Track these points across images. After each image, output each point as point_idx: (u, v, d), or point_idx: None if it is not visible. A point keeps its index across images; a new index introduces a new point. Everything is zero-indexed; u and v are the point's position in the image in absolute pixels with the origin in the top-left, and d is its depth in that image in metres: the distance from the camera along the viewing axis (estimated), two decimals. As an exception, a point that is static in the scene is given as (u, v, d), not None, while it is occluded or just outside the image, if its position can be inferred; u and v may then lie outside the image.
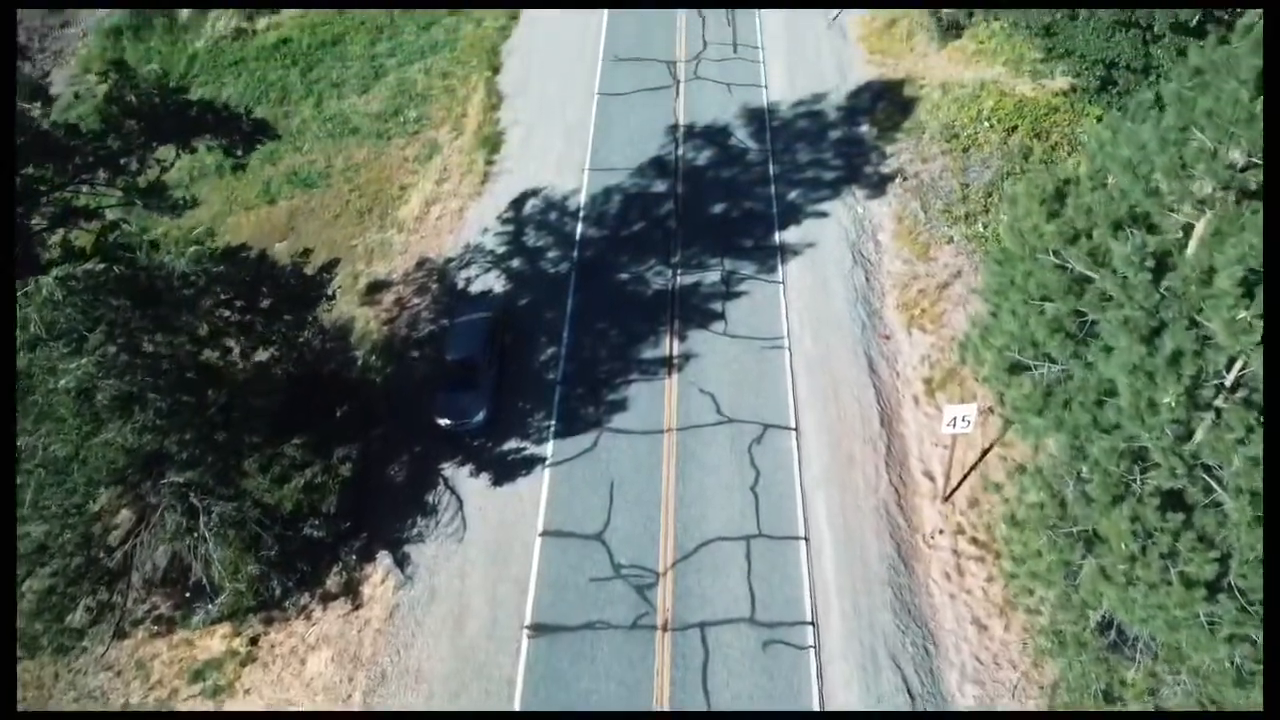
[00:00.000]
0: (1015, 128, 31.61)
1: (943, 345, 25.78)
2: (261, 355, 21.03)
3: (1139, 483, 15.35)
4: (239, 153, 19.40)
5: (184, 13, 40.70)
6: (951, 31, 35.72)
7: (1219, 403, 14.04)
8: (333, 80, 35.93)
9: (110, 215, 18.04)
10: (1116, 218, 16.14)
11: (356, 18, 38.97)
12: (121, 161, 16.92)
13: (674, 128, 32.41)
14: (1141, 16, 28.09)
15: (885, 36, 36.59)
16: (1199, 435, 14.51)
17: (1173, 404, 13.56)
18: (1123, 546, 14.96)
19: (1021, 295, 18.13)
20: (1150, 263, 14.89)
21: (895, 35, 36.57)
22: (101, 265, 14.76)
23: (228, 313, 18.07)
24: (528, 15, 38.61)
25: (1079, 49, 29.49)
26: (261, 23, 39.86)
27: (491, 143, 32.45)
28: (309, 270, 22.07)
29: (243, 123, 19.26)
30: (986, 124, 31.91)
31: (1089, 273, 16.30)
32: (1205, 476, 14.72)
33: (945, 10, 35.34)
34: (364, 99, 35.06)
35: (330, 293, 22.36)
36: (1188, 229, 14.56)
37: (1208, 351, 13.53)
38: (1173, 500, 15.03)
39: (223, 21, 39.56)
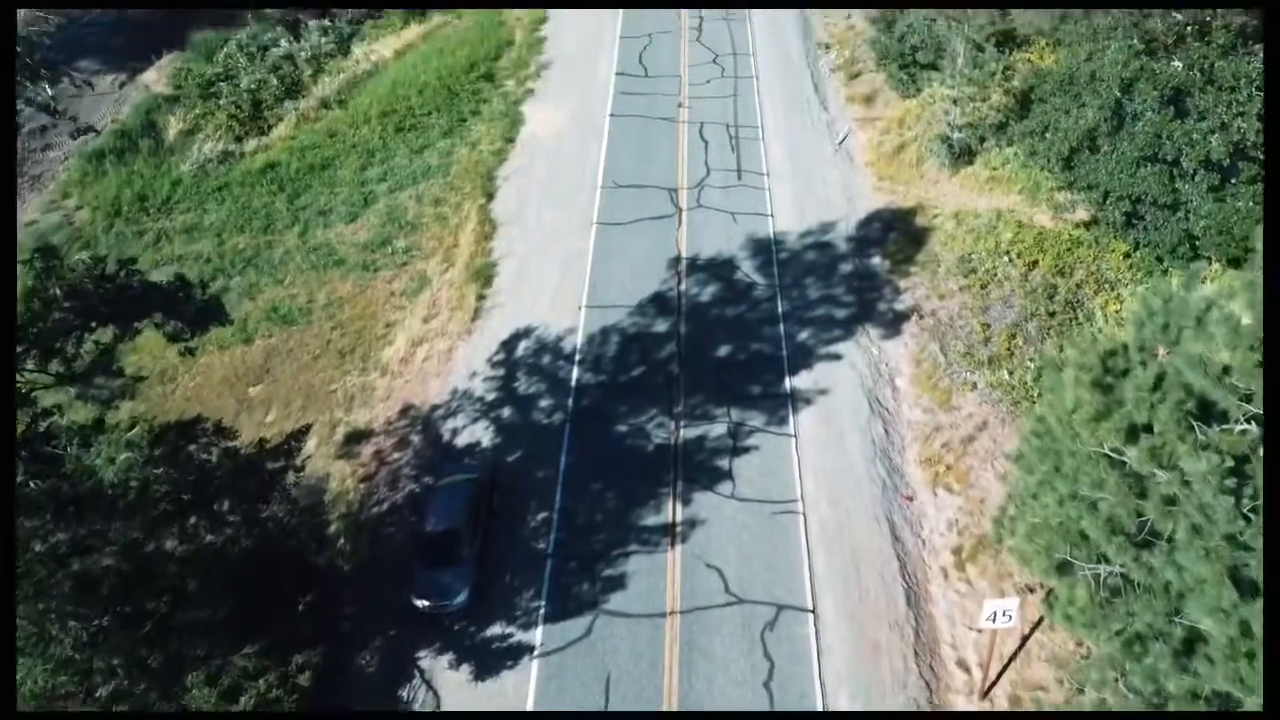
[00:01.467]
0: (1036, 262, 29.94)
1: (971, 509, 23.56)
2: (215, 536, 18.78)
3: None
4: (187, 335, 17.46)
5: (171, 133, 39.65)
6: (963, 157, 34.40)
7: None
8: (320, 207, 34.48)
9: (47, 399, 16.09)
10: (1181, 411, 14.12)
11: (348, 141, 37.79)
12: (56, 345, 15.01)
13: (676, 260, 30.77)
14: (1168, 151, 26.67)
15: (894, 162, 35.29)
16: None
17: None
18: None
19: (1068, 486, 16.06)
20: (1231, 481, 12.85)
21: (904, 160, 35.26)
22: (20, 478, 12.72)
23: (170, 508, 15.93)
24: (526, 136, 37.45)
25: (1102, 184, 28.01)
26: (250, 145, 38.73)
27: (483, 275, 30.76)
28: (277, 437, 19.97)
29: (192, 302, 17.31)
30: (1005, 258, 30.26)
31: (1152, 472, 14.27)
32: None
33: (956, 135, 34.12)
34: (352, 227, 33.53)
35: (299, 464, 20.21)
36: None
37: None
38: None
39: (210, 144, 38.41)
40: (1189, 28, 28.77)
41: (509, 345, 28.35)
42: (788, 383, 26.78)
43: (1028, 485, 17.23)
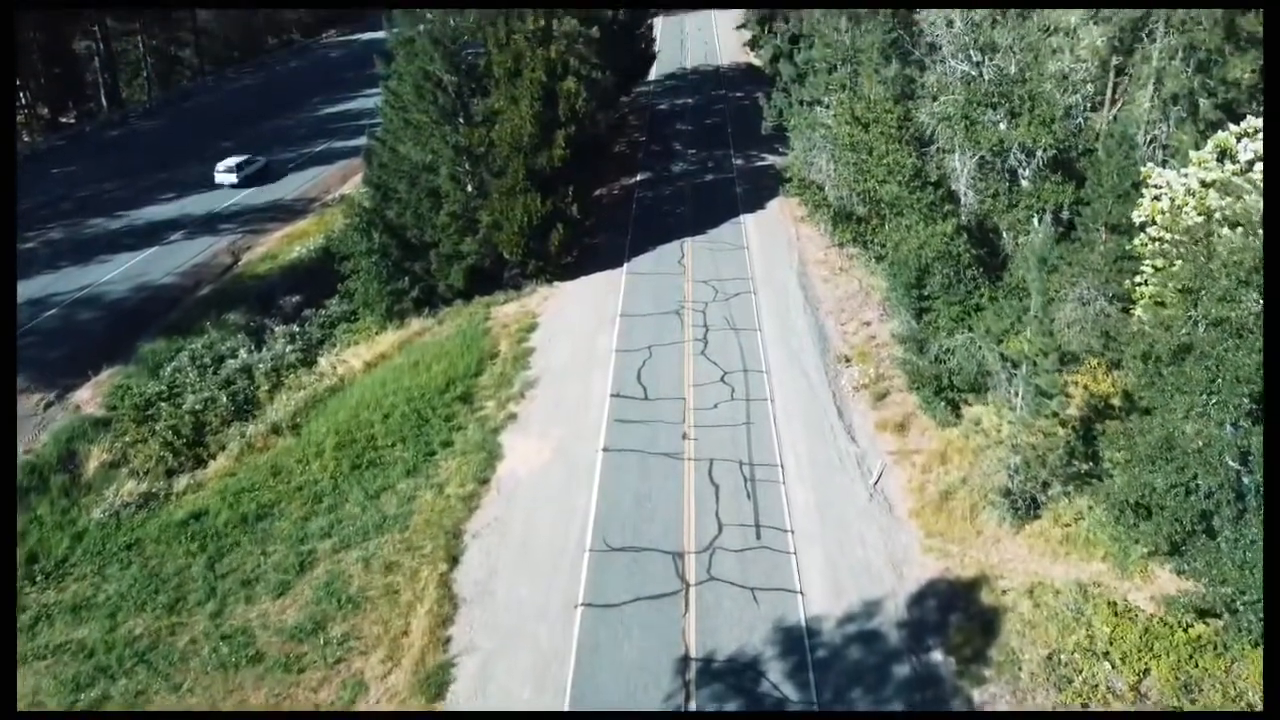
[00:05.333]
0: (1148, 670, 23.25)
1: None
2: None
3: None
4: None
5: (91, 467, 34.03)
6: (1028, 510, 28.50)
7: None
8: (245, 574, 28.15)
9: None
10: None
11: (294, 481, 32.09)
12: None
13: (683, 664, 23.99)
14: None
15: (942, 512, 29.33)
16: None
17: None
18: None
19: None
20: None
21: (954, 511, 29.32)
22: None
23: None
24: (504, 475, 31.76)
25: (1230, 580, 21.80)
26: (181, 482, 33.01)
27: (435, 682, 23.88)
28: None
29: None
30: (1105, 661, 23.58)
31: None
32: None
33: (1017, 483, 28.37)
34: (280, 604, 27.03)
35: None
36: None
37: None
38: None
39: (132, 482, 32.69)
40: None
41: (460, 801, 21.09)
42: None
43: None
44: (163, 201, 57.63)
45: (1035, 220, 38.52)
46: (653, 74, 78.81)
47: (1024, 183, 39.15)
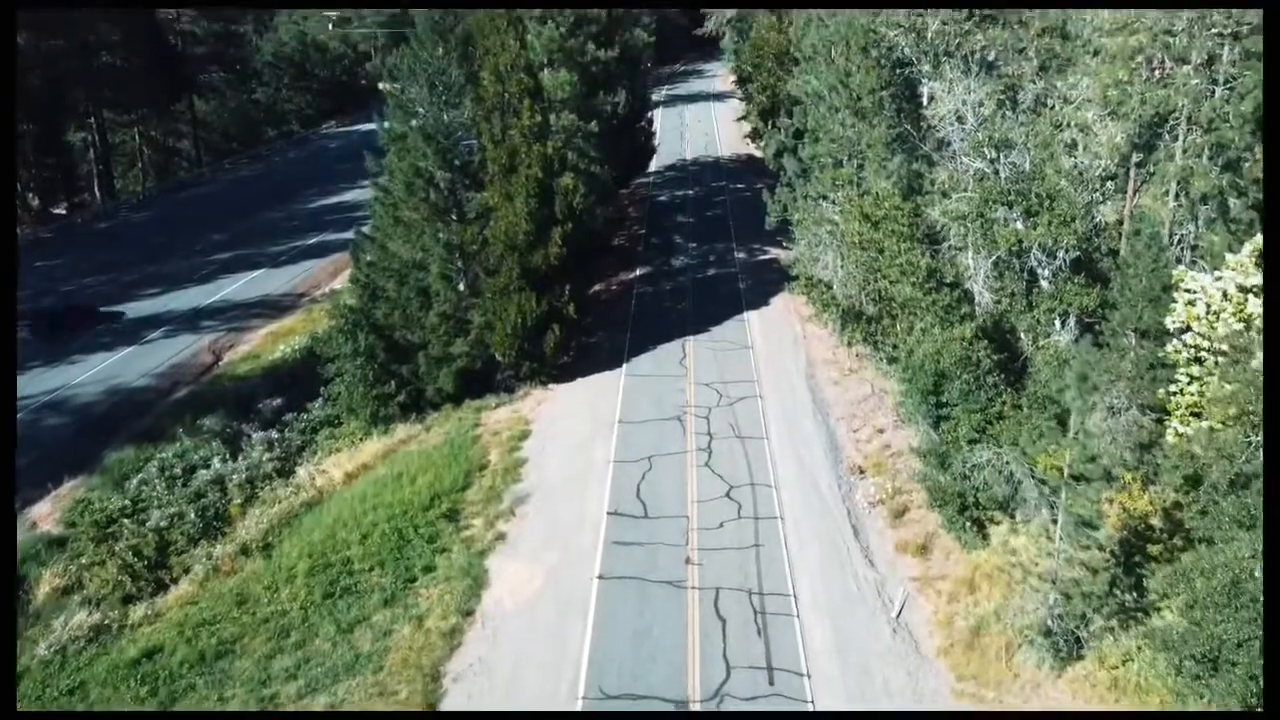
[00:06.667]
0: None
1: None
2: None
3: None
4: None
5: (41, 593, 31.25)
6: (1070, 651, 25.69)
7: None
8: (197, 725, 25.19)
9: None
10: None
11: (261, 611, 29.27)
12: None
13: (689, 842, 20.98)
14: None
15: (974, 651, 26.50)
16: None
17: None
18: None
19: None
20: None
21: (987, 651, 26.48)
22: None
23: None
24: (489, 606, 28.96)
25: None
26: (138, 611, 30.16)
27: None
28: None
29: None
30: (1175, 840, 20.56)
31: None
32: None
33: (1058, 620, 25.61)
34: (233, 763, 24.04)
35: None
36: None
37: None
38: None
39: (84, 612, 29.84)
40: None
41: None
42: None
43: None
44: (145, 297, 55.76)
45: (1058, 323, 36.55)
46: (652, 164, 77.94)
47: (1044, 283, 37.22)
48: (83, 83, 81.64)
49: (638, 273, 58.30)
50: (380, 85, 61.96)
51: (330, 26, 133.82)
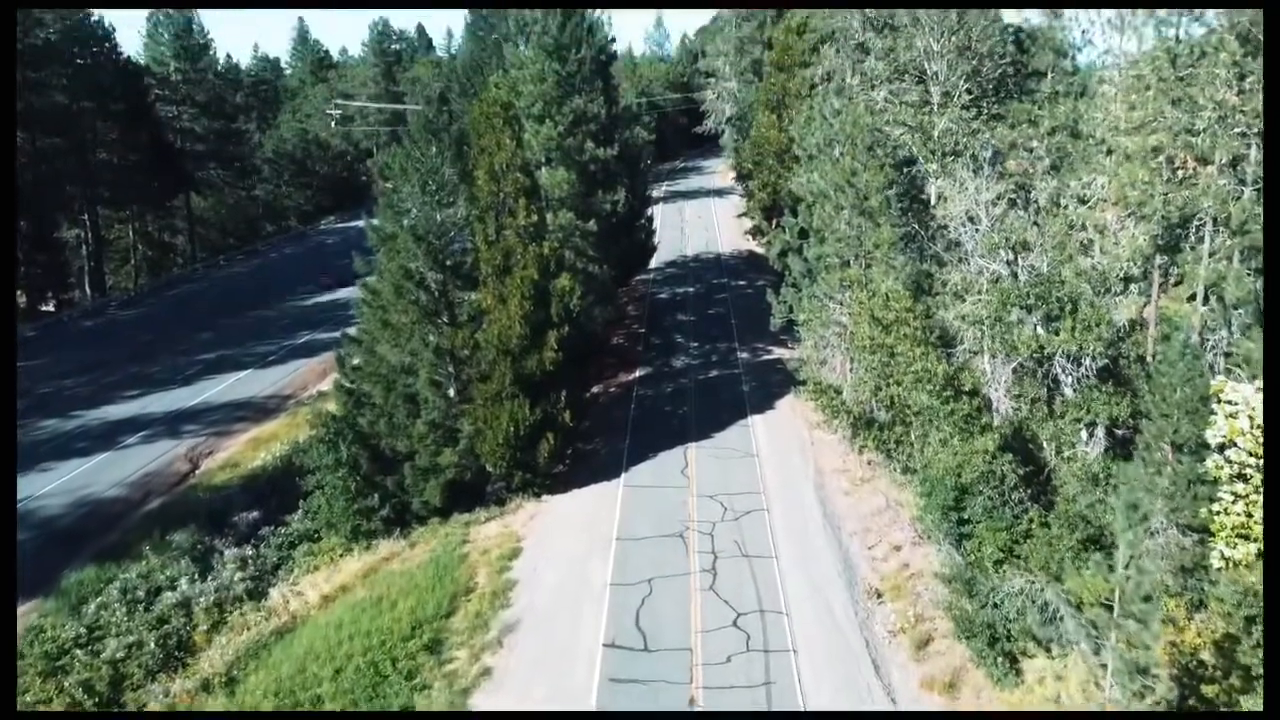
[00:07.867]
0: None
1: None
2: None
3: None
4: None
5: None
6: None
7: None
8: None
9: None
10: None
11: (216, 760, 26.29)
12: None
13: None
14: None
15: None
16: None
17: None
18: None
19: None
20: None
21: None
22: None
23: None
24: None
25: None
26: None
27: None
28: None
29: None
30: None
31: None
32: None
33: None
34: None
35: None
36: None
37: None
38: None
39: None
40: None
41: None
42: None
43: None
44: (124, 400, 53.61)
45: (1084, 433, 34.38)
46: (652, 261, 76.83)
47: (1068, 390, 35.17)
48: (79, 180, 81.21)
49: (637, 374, 56.30)
50: (380, 182, 61.19)
51: (333, 125, 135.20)
